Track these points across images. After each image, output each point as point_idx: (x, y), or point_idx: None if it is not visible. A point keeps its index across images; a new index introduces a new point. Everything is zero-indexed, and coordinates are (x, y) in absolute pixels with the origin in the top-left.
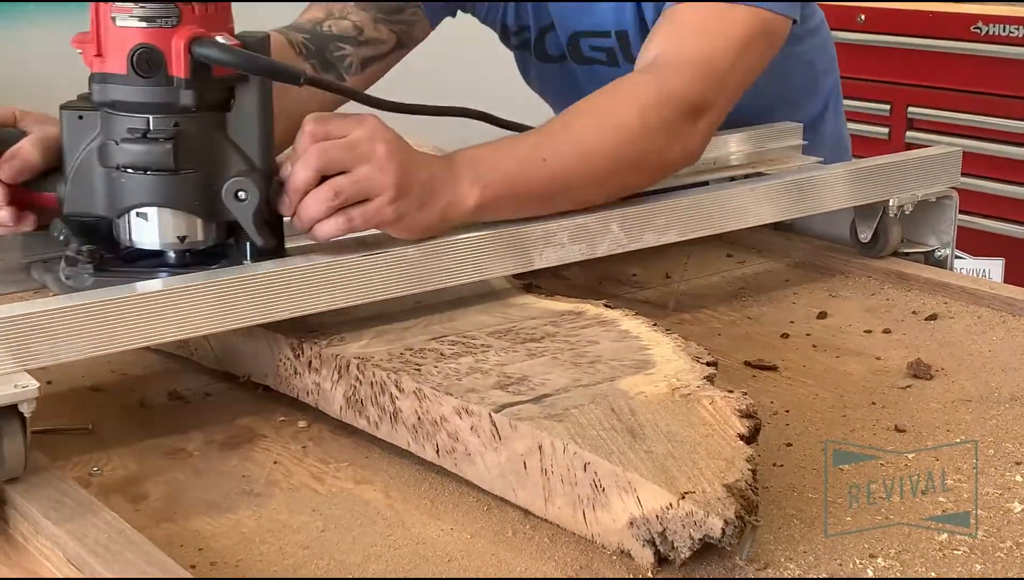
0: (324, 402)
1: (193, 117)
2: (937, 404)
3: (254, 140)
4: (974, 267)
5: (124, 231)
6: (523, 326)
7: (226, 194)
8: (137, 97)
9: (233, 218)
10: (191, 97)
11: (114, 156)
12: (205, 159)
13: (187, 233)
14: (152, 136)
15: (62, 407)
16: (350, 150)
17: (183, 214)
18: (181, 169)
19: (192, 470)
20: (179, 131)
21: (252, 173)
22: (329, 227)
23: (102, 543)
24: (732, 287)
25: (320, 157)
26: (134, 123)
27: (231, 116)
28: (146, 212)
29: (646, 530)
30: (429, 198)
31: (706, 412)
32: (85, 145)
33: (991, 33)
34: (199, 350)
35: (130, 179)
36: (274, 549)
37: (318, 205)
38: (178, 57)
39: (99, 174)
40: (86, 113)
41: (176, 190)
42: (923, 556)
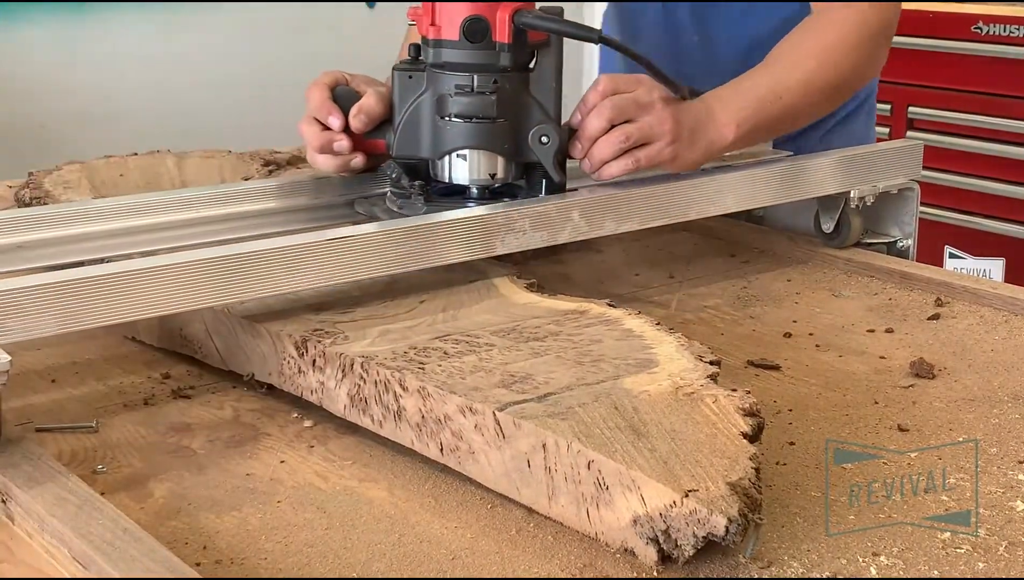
0: (328, 401)
1: (508, 75)
2: (939, 403)
3: (551, 95)
4: (975, 267)
5: (444, 170)
6: (527, 325)
7: (532, 139)
8: (466, 59)
9: (531, 160)
10: (509, 59)
11: (444, 107)
12: (515, 110)
13: (495, 171)
14: (479, 90)
15: (67, 405)
16: (635, 103)
17: (494, 155)
18: (498, 118)
19: (197, 468)
20: (498, 87)
21: (551, 121)
22: (618, 166)
23: (107, 540)
24: (735, 286)
25: (612, 109)
26: (461, 80)
27: (533, 75)
28: (465, 153)
29: (650, 528)
30: (696, 138)
31: (709, 411)
32: (413, 99)
33: (992, 33)
34: (204, 348)
35: (456, 126)
36: (279, 547)
37: (610, 148)
38: (502, 26)
39: (426, 123)
40: (415, 73)
41: (492, 135)
42: (925, 555)
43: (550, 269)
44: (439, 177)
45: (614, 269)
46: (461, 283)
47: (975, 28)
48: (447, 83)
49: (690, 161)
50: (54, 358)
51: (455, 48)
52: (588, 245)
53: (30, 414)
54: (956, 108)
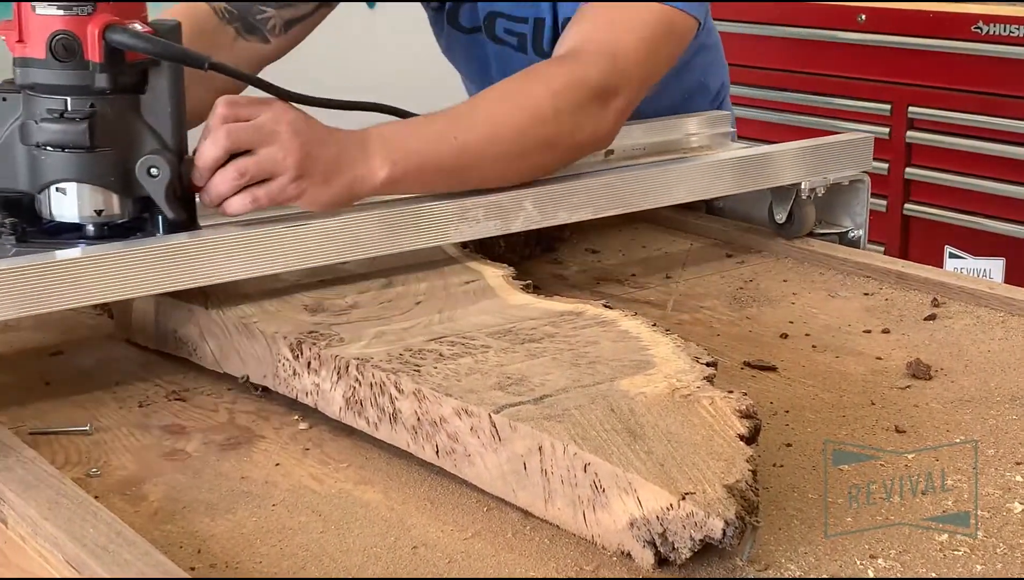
0: (323, 403)
1: (108, 99)
2: (937, 404)
3: (166, 120)
4: (974, 267)
5: (45, 205)
6: (522, 327)
7: (139, 171)
8: (55, 80)
9: (147, 193)
10: (106, 80)
11: (34, 135)
12: (120, 138)
13: (104, 207)
14: (69, 116)
15: (61, 408)
16: (256, 131)
17: (100, 189)
18: (97, 147)
19: (191, 471)
20: (95, 111)
21: (164, 151)
22: (235, 204)
23: (101, 545)
24: (731, 287)
25: (228, 137)
26: (53, 104)
27: (145, 98)
28: (65, 187)
29: (646, 531)
30: (335, 174)
31: (706, 412)
32: (8, 125)
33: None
34: (198, 351)
35: (50, 156)
36: (274, 550)
37: (225, 183)
38: (93, 43)
39: (21, 152)
40: (9, 96)
41: (92, 166)
42: (923, 556)
43: (546, 270)
44: (42, 213)
45: (610, 270)
46: (457, 285)
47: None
48: (38, 107)
49: (323, 200)
50: (48, 361)
51: (44, 68)
52: (584, 246)
53: (24, 417)
54: (956, 108)
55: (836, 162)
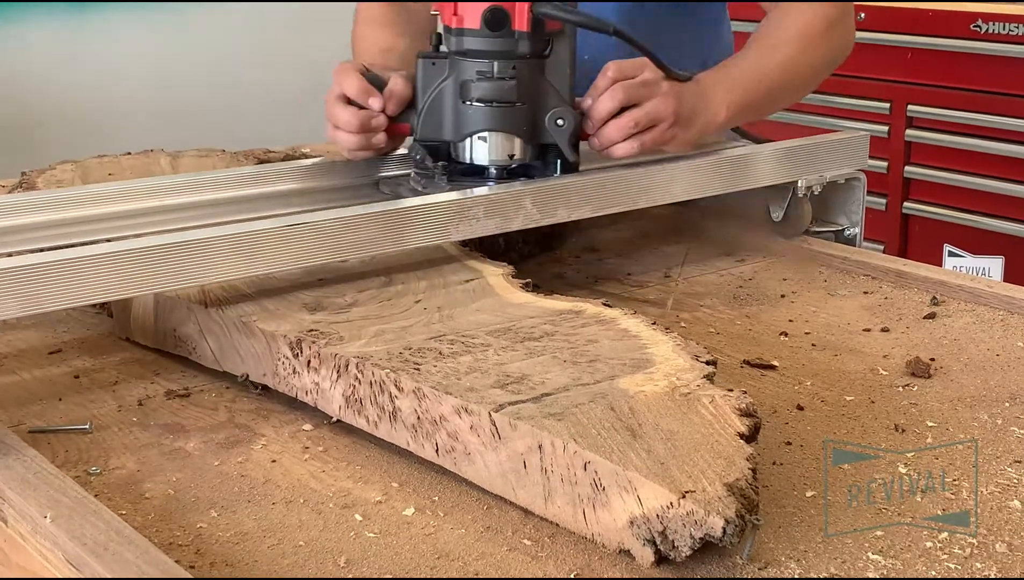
0: (323, 401)
1: (526, 62)
2: (936, 403)
3: (565, 80)
4: (974, 265)
5: (466, 151)
6: (522, 325)
7: (548, 121)
8: (486, 46)
9: (546, 141)
10: (527, 47)
11: (467, 92)
12: (532, 94)
13: (514, 152)
14: (499, 76)
15: (61, 407)
16: (643, 87)
17: (513, 137)
18: (517, 102)
19: (191, 470)
20: (517, 73)
21: (566, 105)
22: (626, 148)
23: (101, 543)
24: (730, 286)
25: (623, 92)
26: (482, 67)
27: (549, 62)
28: (486, 135)
29: (646, 529)
30: (693, 119)
31: (706, 411)
32: (436, 85)
33: (991, 31)
34: (198, 349)
35: (477, 109)
36: (273, 549)
37: (619, 131)
38: (521, 15)
39: (448, 107)
40: (438, 60)
41: (512, 118)
42: (923, 555)
43: (546, 269)
44: (460, 158)
45: (610, 269)
46: (456, 283)
47: (974, 26)
48: (469, 69)
49: (687, 141)
50: (48, 359)
51: (476, 36)
52: (584, 244)
53: (24, 416)
54: (955, 106)
55: (832, 160)
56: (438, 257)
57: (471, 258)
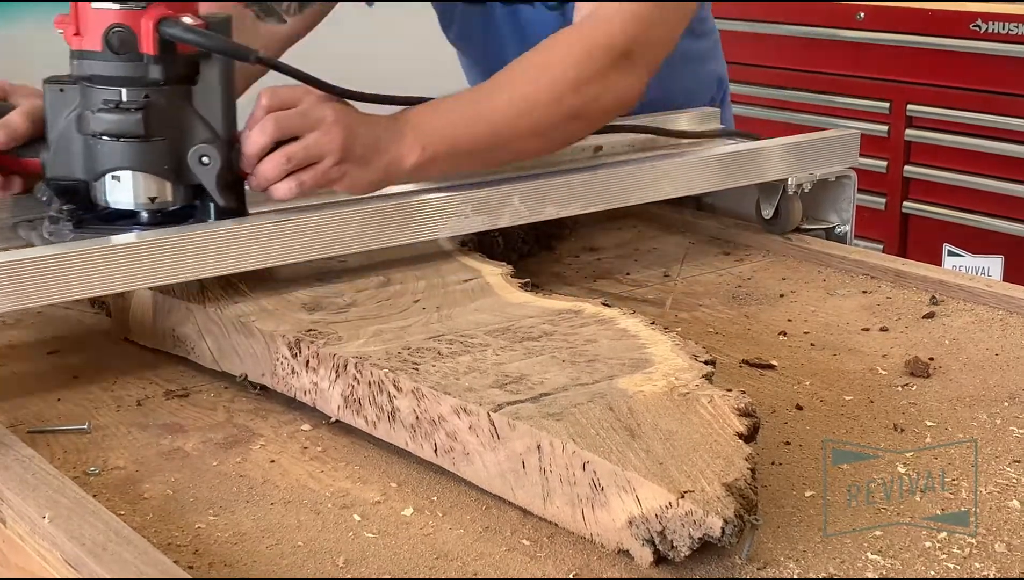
0: (322, 401)
1: (161, 90)
2: (935, 402)
3: (217, 111)
4: (973, 265)
5: (101, 193)
6: (521, 325)
7: (191, 159)
8: (111, 72)
9: (199, 181)
10: (159, 72)
11: (91, 124)
12: (173, 127)
13: (157, 194)
14: (124, 106)
15: (59, 407)
16: (301, 118)
17: (153, 177)
18: (151, 136)
19: (190, 470)
20: (149, 102)
21: (215, 140)
22: (282, 189)
23: (100, 543)
24: (729, 285)
25: (275, 125)
26: (108, 95)
27: (196, 89)
28: (120, 175)
29: (645, 529)
30: (372, 157)
31: (705, 411)
32: (66, 115)
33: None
34: (196, 349)
35: (105, 145)
36: (272, 549)
37: (273, 169)
38: (147, 36)
39: (78, 141)
40: (67, 87)
41: (146, 155)
42: (922, 555)
43: (544, 268)
44: (98, 200)
45: (608, 268)
46: (455, 283)
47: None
48: (95, 98)
49: (363, 183)
50: (46, 359)
51: (100, 60)
52: (582, 244)
53: (22, 416)
54: (955, 106)
55: (823, 158)
56: (437, 257)
57: (470, 258)
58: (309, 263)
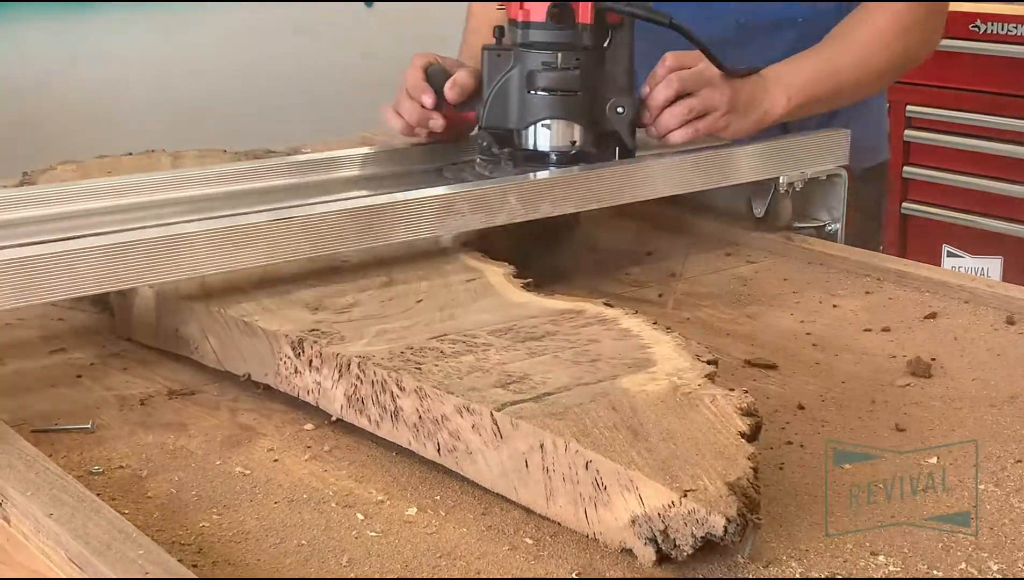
0: (325, 401)
1: (588, 53)
2: (937, 403)
3: (624, 70)
4: (973, 266)
5: (530, 138)
6: (523, 325)
7: (609, 109)
8: (551, 39)
9: (605, 128)
10: (589, 39)
11: (534, 81)
12: (593, 84)
13: (576, 139)
14: (563, 66)
15: (63, 406)
16: (697, 77)
17: (574, 125)
18: (579, 91)
19: (193, 469)
20: (580, 63)
21: (626, 93)
22: (681, 134)
23: (104, 542)
24: (732, 285)
25: (678, 82)
26: (547, 58)
27: (609, 53)
28: (550, 123)
29: (648, 528)
30: (750, 109)
31: (707, 410)
32: (501, 75)
33: (990, 32)
34: (199, 349)
35: (541, 98)
36: (276, 548)
37: (674, 118)
38: (585, 9)
39: (513, 96)
40: (503, 52)
41: (574, 106)
42: (924, 555)
43: (547, 268)
44: (524, 145)
45: (611, 268)
46: (458, 283)
47: (973, 26)
48: (534, 60)
49: (742, 130)
50: (50, 359)
51: (542, 29)
52: (585, 244)
53: (26, 415)
54: (954, 106)
55: (813, 157)
56: (440, 257)
57: (472, 258)
58: (312, 263)
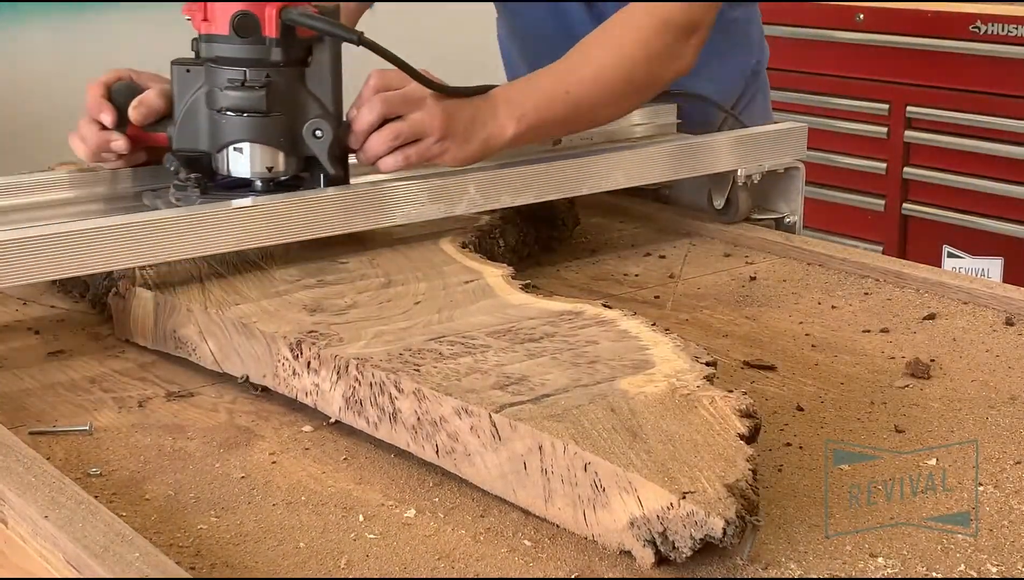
0: (323, 403)
1: (280, 70)
2: (936, 404)
3: (327, 90)
4: (973, 266)
5: (223, 163)
6: (522, 326)
7: (306, 132)
8: (236, 54)
9: (310, 153)
10: (279, 54)
11: (218, 101)
12: (289, 104)
13: (273, 164)
14: (249, 85)
15: (61, 408)
16: (406, 99)
17: (271, 148)
18: (271, 112)
19: (191, 471)
20: (270, 81)
21: (327, 116)
22: (389, 162)
23: (102, 544)
24: (730, 287)
25: (383, 104)
26: (234, 74)
27: (309, 70)
28: (242, 147)
29: (647, 530)
30: (471, 134)
31: (706, 412)
32: (191, 94)
33: (990, 32)
34: (197, 350)
35: (230, 120)
36: (274, 550)
37: (381, 144)
38: (270, 21)
39: (203, 117)
40: (193, 68)
41: (266, 129)
42: (923, 556)
43: (545, 270)
44: (219, 170)
45: (609, 270)
46: (456, 284)
47: (973, 28)
48: (221, 77)
49: (463, 157)
50: (47, 361)
51: (226, 43)
52: (583, 245)
53: (24, 417)
54: (954, 107)
55: (772, 150)
56: (438, 258)
57: (470, 259)
58: (310, 264)
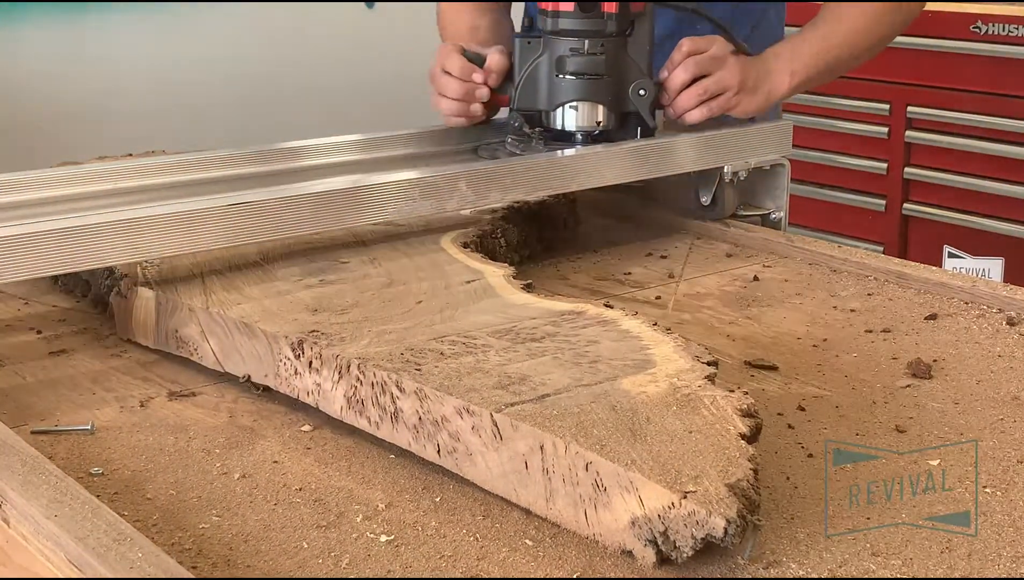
0: (325, 402)
1: (612, 40)
2: (937, 403)
3: (645, 56)
4: (974, 266)
5: (558, 119)
6: (523, 326)
7: (632, 91)
8: (579, 26)
9: (627, 109)
10: (614, 26)
11: (563, 66)
12: (617, 68)
13: (601, 119)
14: (589, 52)
15: (63, 407)
16: (712, 60)
17: (600, 106)
18: (604, 75)
19: (193, 471)
20: (605, 49)
21: (647, 78)
22: (697, 114)
23: (103, 544)
24: (732, 287)
25: (695, 66)
26: (575, 44)
27: (631, 40)
28: (576, 105)
29: (648, 530)
30: (758, 88)
31: (707, 412)
32: (532, 61)
33: (990, 32)
34: (199, 350)
35: (569, 82)
36: (275, 549)
37: (691, 99)
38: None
39: (543, 79)
40: (532, 39)
41: (599, 89)
42: (924, 556)
43: (547, 270)
44: (552, 125)
45: (611, 270)
46: (458, 284)
47: (973, 27)
48: (563, 46)
49: (752, 108)
50: (50, 360)
51: (570, 17)
52: (585, 245)
53: (26, 417)
54: (955, 107)
55: (758, 147)
56: (440, 258)
57: (472, 259)
58: (312, 263)
